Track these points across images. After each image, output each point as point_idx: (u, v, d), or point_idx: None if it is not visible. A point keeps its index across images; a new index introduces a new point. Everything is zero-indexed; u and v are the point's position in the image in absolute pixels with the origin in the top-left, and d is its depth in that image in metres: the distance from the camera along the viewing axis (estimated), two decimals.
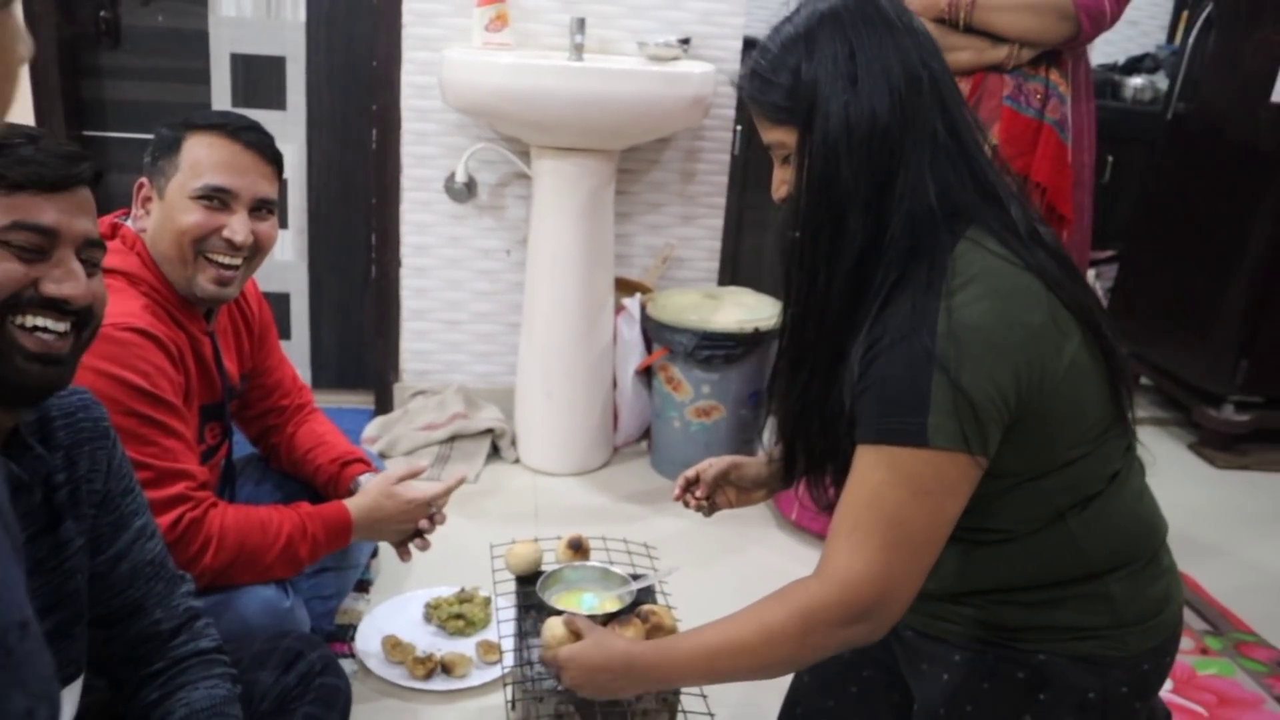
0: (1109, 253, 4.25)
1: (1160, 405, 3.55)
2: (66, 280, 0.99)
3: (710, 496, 1.51)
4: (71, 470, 1.07)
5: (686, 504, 1.53)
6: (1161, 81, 4.31)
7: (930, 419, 1.04)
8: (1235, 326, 3.14)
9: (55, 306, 0.99)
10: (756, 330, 2.53)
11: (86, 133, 2.80)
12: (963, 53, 2.02)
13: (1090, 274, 4.18)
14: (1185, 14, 4.17)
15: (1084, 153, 2.14)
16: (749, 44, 2.90)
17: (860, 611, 1.09)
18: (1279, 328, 3.12)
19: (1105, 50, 4.68)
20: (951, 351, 1.04)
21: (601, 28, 2.71)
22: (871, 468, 1.09)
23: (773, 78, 1.13)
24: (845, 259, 1.11)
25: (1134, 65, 4.41)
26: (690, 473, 1.53)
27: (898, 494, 1.08)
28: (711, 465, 1.52)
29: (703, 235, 2.93)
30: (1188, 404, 3.33)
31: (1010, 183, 1.20)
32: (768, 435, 1.36)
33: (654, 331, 2.63)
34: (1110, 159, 4.17)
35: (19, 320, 0.97)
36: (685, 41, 2.69)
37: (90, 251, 1.04)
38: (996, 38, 2.01)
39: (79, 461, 1.08)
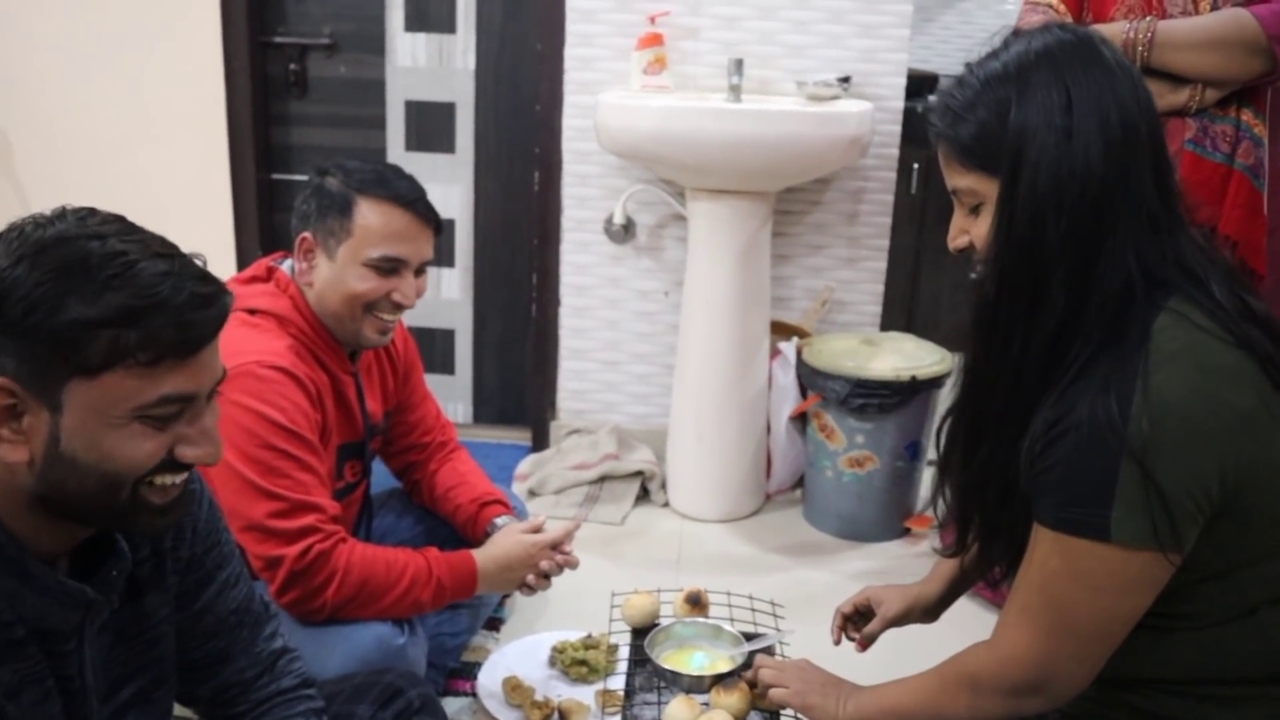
0: None
1: None
2: (203, 443, 0.94)
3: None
4: (157, 543, 1.05)
5: (851, 639, 1.47)
6: None
7: (1115, 512, 0.96)
8: None
9: (186, 466, 0.96)
10: (914, 379, 2.41)
11: (275, 176, 2.98)
12: None
13: None
14: None
15: None
16: (914, 81, 2.80)
17: (1025, 686, 1.07)
18: None
19: None
20: (1146, 437, 0.95)
21: (760, 68, 2.67)
22: (1048, 553, 1.03)
23: (971, 116, 1.06)
24: (1044, 328, 1.03)
25: None
26: (847, 607, 1.47)
27: (1068, 586, 1.02)
28: (876, 617, 1.43)
29: (865, 278, 2.84)
30: None
31: (1211, 251, 1.10)
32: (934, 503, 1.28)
33: (807, 377, 2.55)
34: None
35: (150, 480, 0.93)
36: (845, 80, 2.61)
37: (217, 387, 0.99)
38: (1177, 78, 1.82)
39: (164, 533, 1.07)
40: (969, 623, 1.45)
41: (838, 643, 1.47)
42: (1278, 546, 1.03)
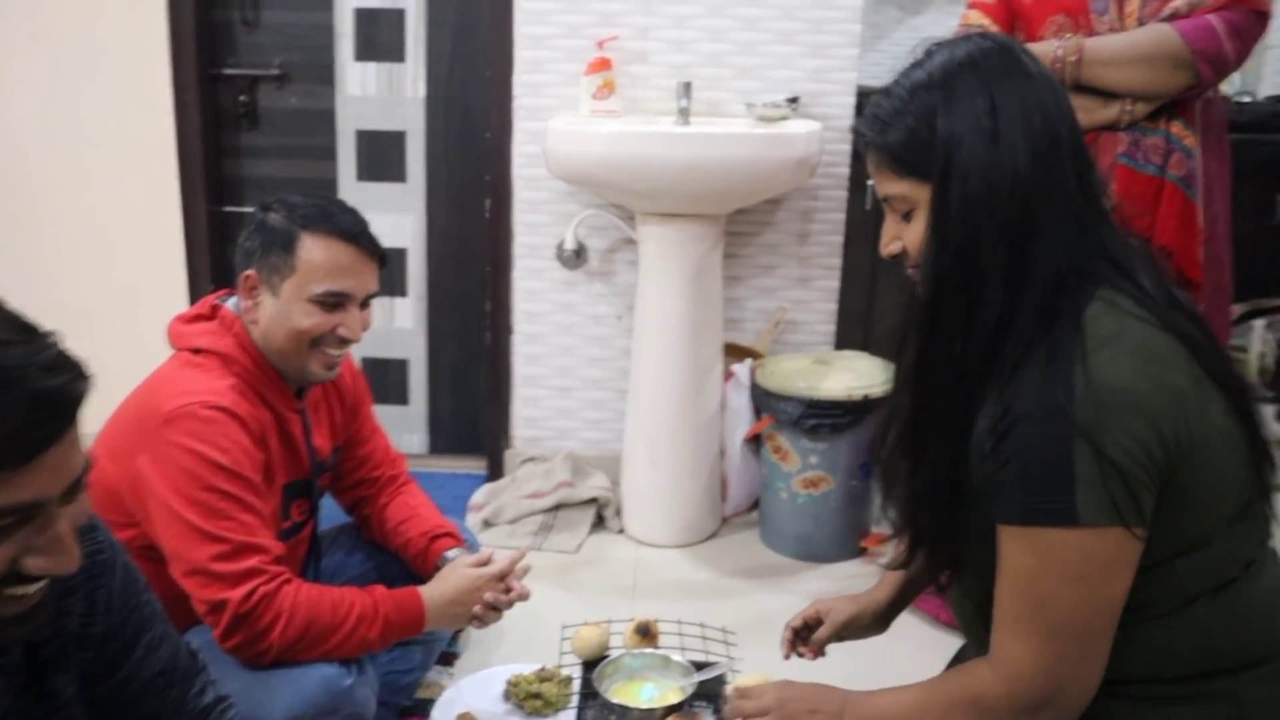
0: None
1: None
2: (54, 552, 0.82)
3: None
4: (62, 621, 0.95)
5: (800, 654, 1.46)
6: None
7: (1079, 495, 0.97)
8: None
9: (37, 578, 0.83)
10: (866, 398, 2.42)
11: (226, 208, 2.96)
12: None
13: (1259, 324, 3.86)
14: None
15: (1216, 204, 1.96)
16: (866, 98, 2.82)
17: (1035, 704, 1.04)
18: None
19: (1275, 81, 4.36)
20: (1093, 416, 0.96)
21: (709, 90, 2.69)
22: (1020, 553, 1.03)
23: (899, 124, 1.08)
24: (984, 325, 1.04)
25: None
26: (796, 621, 1.45)
27: (1051, 583, 1.01)
28: (825, 623, 1.42)
29: (818, 298, 2.85)
30: None
31: (1138, 247, 1.13)
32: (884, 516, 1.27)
33: (760, 399, 2.56)
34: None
35: None
36: (794, 101, 2.63)
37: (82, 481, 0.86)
38: (1107, 94, 1.86)
39: (72, 611, 0.98)
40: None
41: (787, 657, 1.45)
42: (1211, 533, 1.03)
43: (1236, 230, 2.07)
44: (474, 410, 3.06)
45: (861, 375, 2.51)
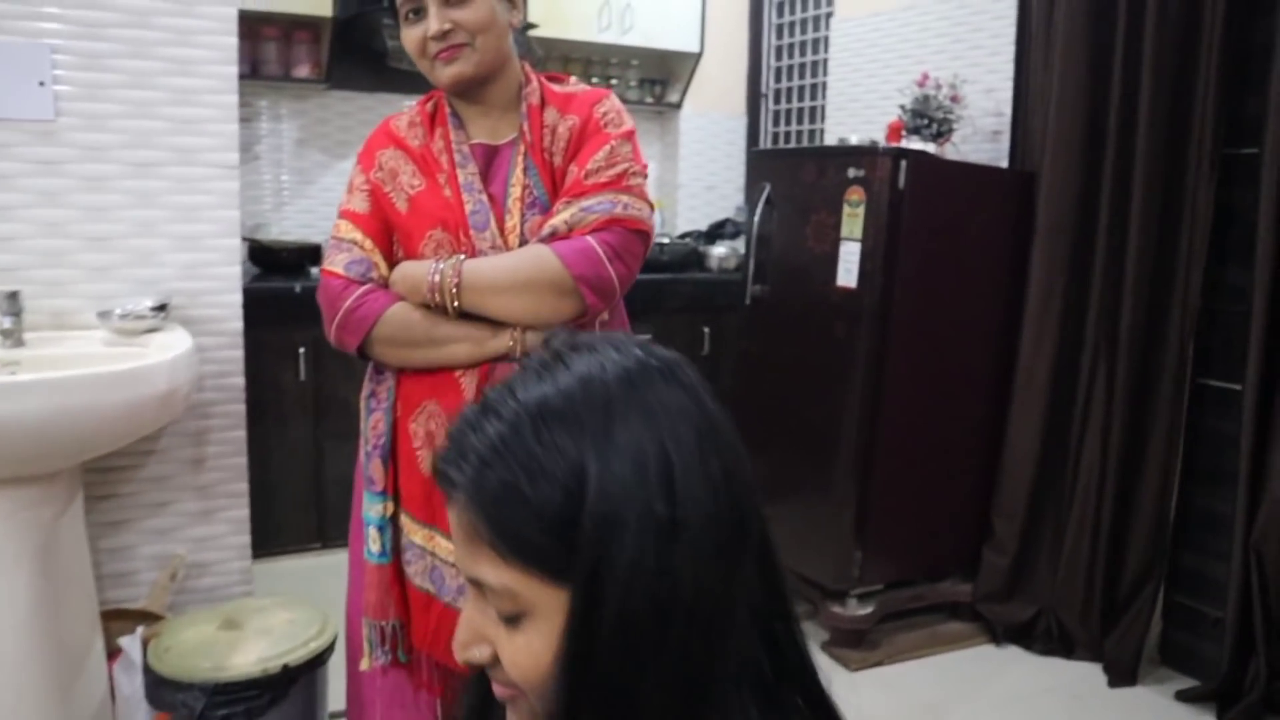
0: None
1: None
2: None
3: None
4: None
5: None
6: (743, 247, 4.28)
7: None
8: (849, 516, 2.98)
9: None
10: (285, 667, 1.99)
11: None
12: (459, 345, 1.60)
13: None
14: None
15: None
16: (251, 300, 2.38)
17: None
18: (886, 507, 3.00)
19: (689, 217, 4.64)
20: None
21: (53, 296, 2.14)
22: None
23: (520, 482, 0.69)
24: None
25: (716, 232, 4.36)
26: None
27: None
28: None
29: (226, 531, 2.37)
30: (814, 600, 3.14)
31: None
32: None
33: (153, 691, 2.03)
34: (706, 330, 4.05)
35: None
36: (161, 308, 2.16)
37: None
38: (497, 322, 1.61)
39: None
40: None
41: None
42: None
43: None
44: None
45: (279, 638, 2.07)
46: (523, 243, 1.63)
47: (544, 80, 1.72)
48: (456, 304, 1.57)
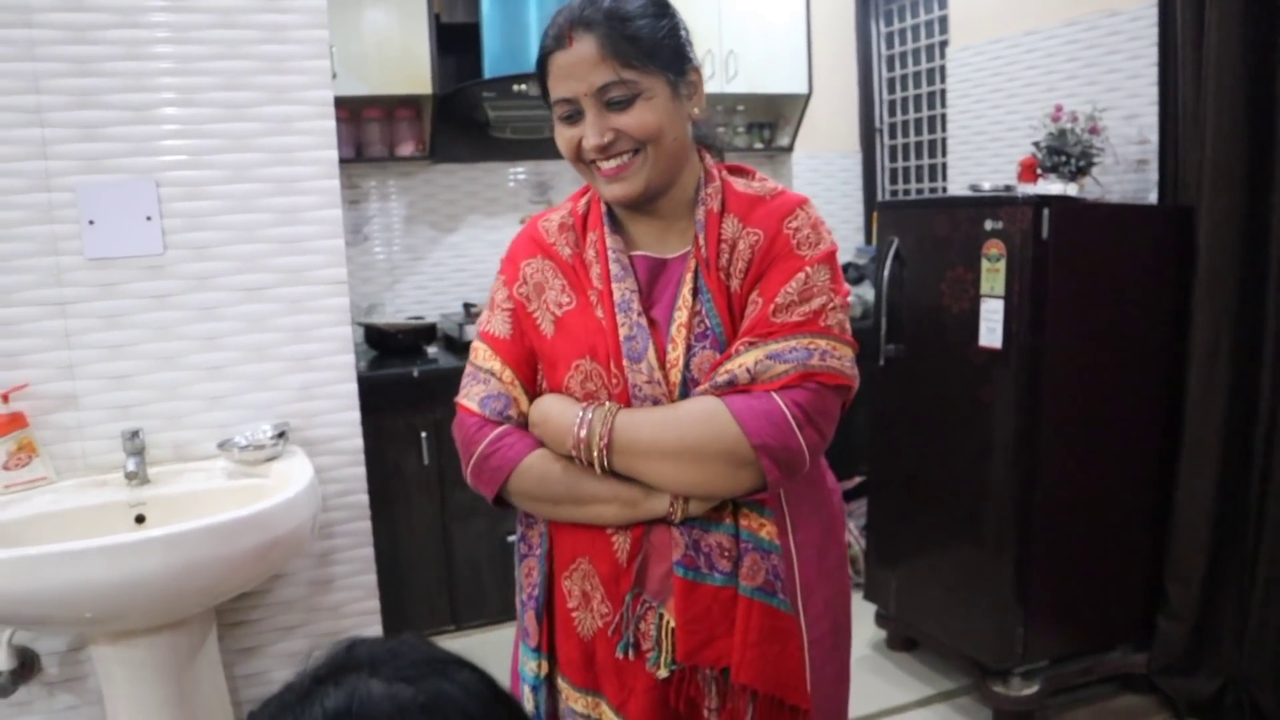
0: (857, 480, 3.91)
1: (948, 674, 3.14)
2: None
3: None
4: None
5: None
6: (868, 291, 4.07)
7: None
8: (1007, 589, 2.77)
9: None
10: None
11: None
12: (606, 506, 1.34)
13: (852, 526, 3.79)
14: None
15: (818, 592, 1.44)
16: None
17: None
18: (1047, 577, 2.78)
19: None
20: None
21: (169, 431, 2.11)
22: None
23: None
24: None
25: None
26: None
27: None
28: None
29: None
30: (974, 678, 2.92)
31: None
32: None
33: None
34: None
35: None
36: (281, 435, 2.11)
37: None
38: None
39: None
40: None
41: None
42: None
43: None
44: None
45: None
46: (685, 381, 1.34)
47: (726, 177, 1.43)
48: (606, 465, 1.32)
